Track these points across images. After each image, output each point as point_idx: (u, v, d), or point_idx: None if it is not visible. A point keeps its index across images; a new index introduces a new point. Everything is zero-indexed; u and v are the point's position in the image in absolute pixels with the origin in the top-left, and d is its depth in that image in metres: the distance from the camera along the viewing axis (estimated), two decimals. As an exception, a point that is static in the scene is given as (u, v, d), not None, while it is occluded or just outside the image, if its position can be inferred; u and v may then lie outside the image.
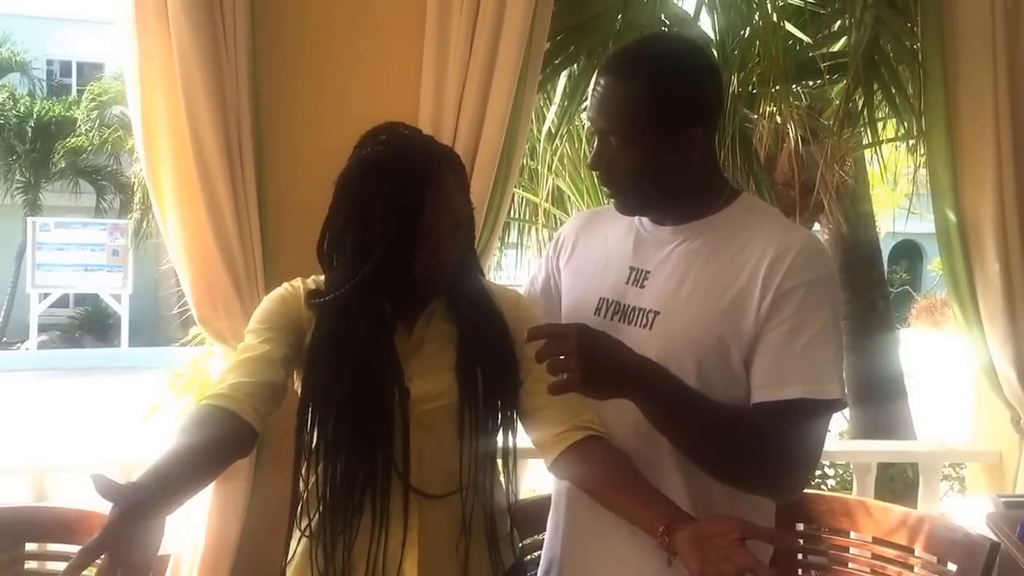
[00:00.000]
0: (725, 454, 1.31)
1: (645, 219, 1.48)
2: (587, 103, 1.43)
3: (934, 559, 2.11)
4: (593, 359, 1.20)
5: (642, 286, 1.42)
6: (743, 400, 1.35)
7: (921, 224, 2.61)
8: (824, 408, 1.31)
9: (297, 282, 1.50)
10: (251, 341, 1.43)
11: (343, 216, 1.39)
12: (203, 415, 1.30)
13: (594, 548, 1.47)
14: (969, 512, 2.37)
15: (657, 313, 1.39)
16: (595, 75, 1.41)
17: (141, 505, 1.12)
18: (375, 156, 1.40)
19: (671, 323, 1.37)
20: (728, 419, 1.31)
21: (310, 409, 1.38)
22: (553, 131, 3.31)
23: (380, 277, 1.35)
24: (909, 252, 19.70)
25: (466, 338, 1.43)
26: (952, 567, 2.02)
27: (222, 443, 1.29)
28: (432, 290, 1.44)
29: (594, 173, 1.44)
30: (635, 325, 1.40)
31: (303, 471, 1.40)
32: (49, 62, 18.40)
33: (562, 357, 1.20)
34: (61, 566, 2.00)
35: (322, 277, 1.48)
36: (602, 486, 1.38)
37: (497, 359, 1.43)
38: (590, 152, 1.44)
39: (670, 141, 1.36)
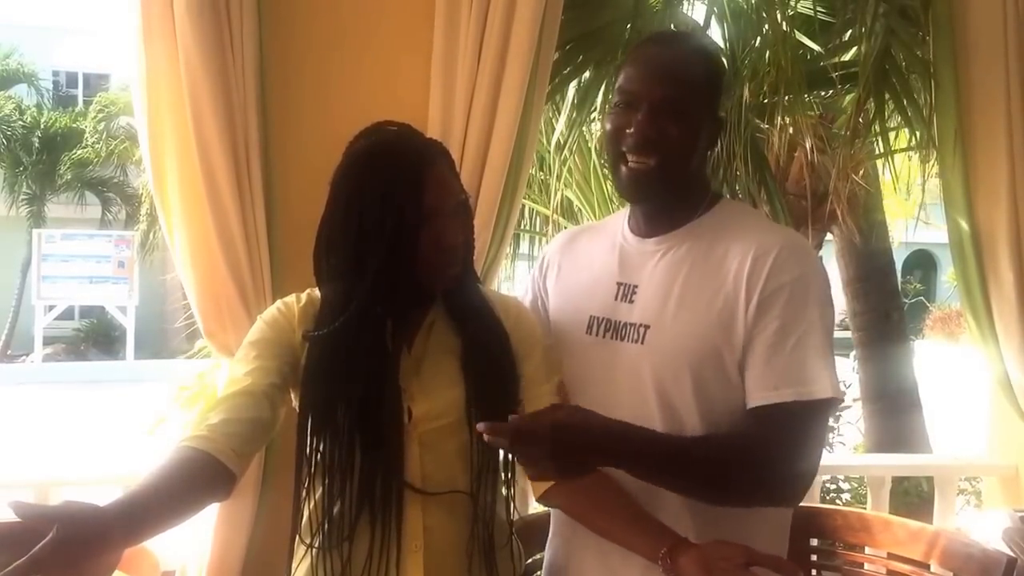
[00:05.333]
0: (717, 484, 1.30)
1: (628, 233, 1.48)
2: (624, 77, 1.39)
3: (950, 575, 2.09)
4: (567, 455, 1.21)
5: (631, 301, 1.42)
6: (740, 406, 1.34)
7: (936, 234, 2.60)
8: (818, 408, 1.30)
9: (291, 299, 1.47)
10: (237, 371, 1.40)
11: (341, 211, 1.36)
12: (180, 456, 1.25)
13: (590, 560, 1.45)
14: (985, 527, 2.35)
15: (648, 327, 1.38)
16: (638, 50, 1.44)
17: (94, 534, 1.05)
18: (368, 146, 1.39)
19: (662, 335, 1.37)
20: (714, 452, 1.30)
21: (310, 432, 1.36)
22: (562, 141, 3.30)
23: (382, 278, 1.32)
24: (923, 262, 19.65)
25: (470, 351, 1.41)
26: (968, 583, 1.99)
27: (197, 486, 1.26)
28: (438, 283, 1.40)
29: (624, 142, 1.37)
30: (627, 340, 1.39)
31: (305, 489, 1.38)
32: (55, 73, 18.46)
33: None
34: None
35: (316, 291, 1.44)
36: (593, 515, 1.38)
37: (500, 372, 1.41)
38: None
39: (709, 122, 1.39)
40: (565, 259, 1.58)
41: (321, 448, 1.35)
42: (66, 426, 9.34)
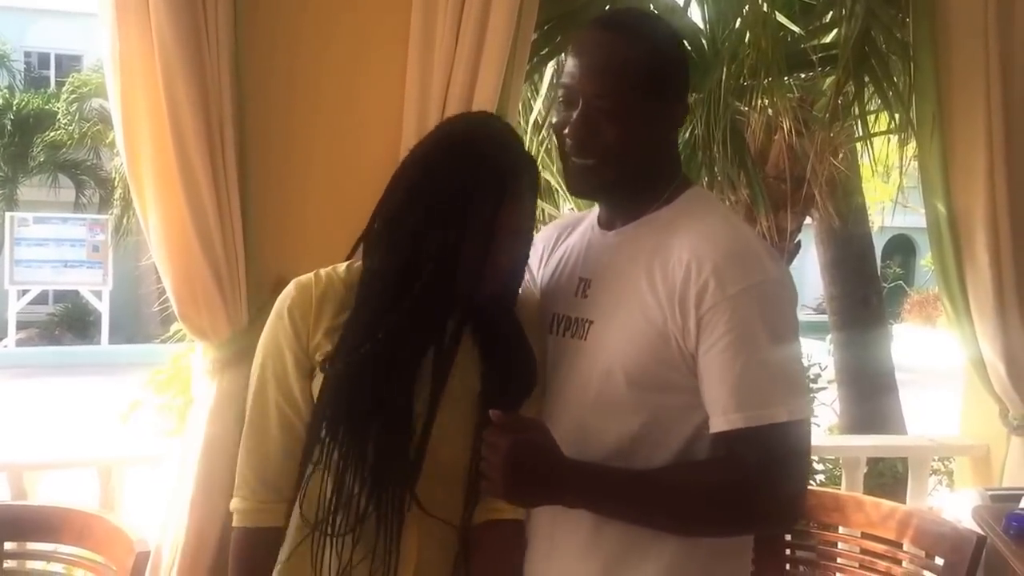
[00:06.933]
0: (693, 516, 1.25)
1: (596, 225, 1.43)
2: (565, 68, 1.33)
3: (922, 553, 2.12)
4: (519, 475, 1.19)
5: (585, 296, 1.37)
6: (682, 408, 1.28)
7: (916, 219, 2.61)
8: (780, 432, 1.20)
9: (307, 287, 1.35)
10: (269, 412, 1.35)
11: (413, 188, 1.29)
12: (247, 546, 1.38)
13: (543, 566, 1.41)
14: (957, 506, 2.38)
15: (591, 322, 1.33)
16: (579, 36, 1.33)
17: None
18: (466, 133, 1.33)
19: (601, 332, 1.32)
20: (680, 484, 1.25)
21: (326, 431, 1.31)
22: (540, 122, 3.29)
23: (436, 278, 1.25)
24: (903, 247, 19.74)
25: (491, 387, 1.33)
26: (939, 561, 2.03)
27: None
28: (477, 296, 1.31)
29: (565, 142, 1.32)
30: (576, 337, 1.35)
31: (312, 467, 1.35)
32: (27, 54, 18.14)
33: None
34: (40, 565, 2.01)
35: (341, 267, 1.38)
36: None
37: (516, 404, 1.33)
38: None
39: (661, 111, 1.30)
40: (549, 252, 1.53)
41: (335, 445, 1.30)
42: (41, 411, 9.25)
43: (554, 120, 1.36)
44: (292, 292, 1.36)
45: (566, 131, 1.30)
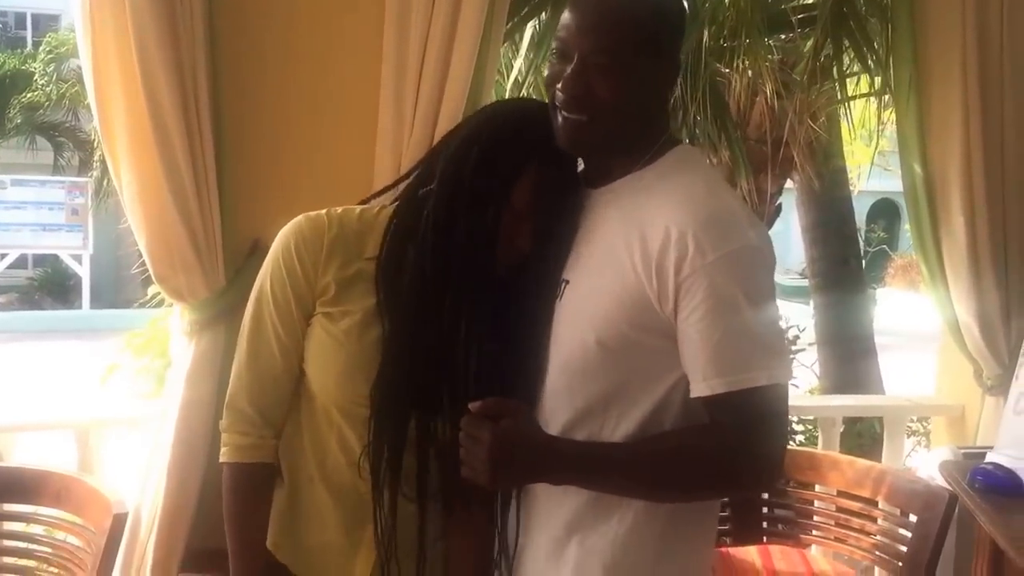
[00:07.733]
0: (677, 482, 1.26)
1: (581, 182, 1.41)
2: (562, 21, 1.29)
3: (896, 511, 2.15)
4: (502, 466, 1.20)
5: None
6: (654, 369, 1.27)
7: (900, 182, 2.60)
8: (759, 395, 1.20)
9: (320, 227, 1.35)
10: (269, 340, 1.36)
11: (459, 156, 1.32)
12: (251, 481, 1.40)
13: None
14: (930, 464, 2.41)
15: (567, 282, 1.32)
16: None
17: None
18: (510, 112, 1.40)
19: (575, 293, 1.31)
20: (664, 452, 1.25)
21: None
22: (520, 81, 3.26)
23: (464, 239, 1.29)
24: (888, 211, 19.69)
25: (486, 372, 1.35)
26: (913, 518, 2.06)
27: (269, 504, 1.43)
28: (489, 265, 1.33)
29: (556, 96, 1.28)
30: (557, 297, 1.33)
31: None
32: (3, 14, 17.85)
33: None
34: (17, 526, 2.01)
35: (354, 212, 1.39)
36: None
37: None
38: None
39: (657, 68, 1.27)
40: None
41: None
42: (20, 376, 9.21)
43: (546, 73, 1.33)
44: (303, 228, 1.36)
45: (559, 85, 1.26)
